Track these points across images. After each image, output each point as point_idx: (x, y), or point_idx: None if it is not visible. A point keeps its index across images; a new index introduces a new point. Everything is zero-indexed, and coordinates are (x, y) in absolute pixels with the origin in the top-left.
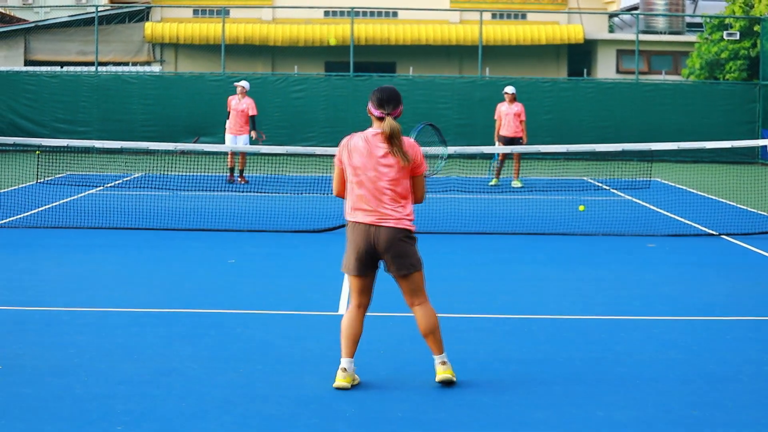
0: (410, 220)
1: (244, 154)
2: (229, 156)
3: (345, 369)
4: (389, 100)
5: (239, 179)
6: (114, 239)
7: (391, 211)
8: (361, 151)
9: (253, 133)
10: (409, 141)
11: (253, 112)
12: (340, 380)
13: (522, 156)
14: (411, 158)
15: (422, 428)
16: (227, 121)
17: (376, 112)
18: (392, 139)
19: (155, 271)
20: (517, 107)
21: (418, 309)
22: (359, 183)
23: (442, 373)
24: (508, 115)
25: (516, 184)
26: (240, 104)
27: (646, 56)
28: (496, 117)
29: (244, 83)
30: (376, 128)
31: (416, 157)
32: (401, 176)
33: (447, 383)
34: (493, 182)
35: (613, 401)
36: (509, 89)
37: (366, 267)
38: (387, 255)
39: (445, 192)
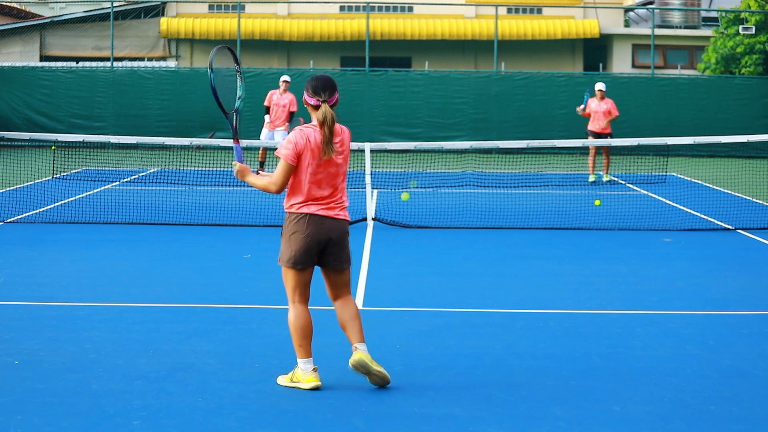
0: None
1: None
2: (260, 151)
3: (316, 369)
4: (325, 88)
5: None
6: (130, 235)
7: (341, 203)
8: (315, 148)
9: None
10: (345, 128)
11: (293, 108)
12: (315, 380)
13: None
14: (345, 148)
15: (438, 423)
16: (266, 116)
17: (312, 101)
18: (322, 126)
19: (171, 267)
20: (607, 104)
21: (344, 299)
22: (318, 181)
23: (360, 354)
24: (597, 112)
25: (606, 178)
26: (282, 98)
27: (661, 51)
28: (588, 111)
29: (287, 77)
30: (315, 119)
31: (349, 143)
32: (345, 165)
33: (361, 364)
34: (591, 179)
35: (630, 396)
36: (600, 86)
37: (312, 260)
38: (336, 247)
39: (460, 187)
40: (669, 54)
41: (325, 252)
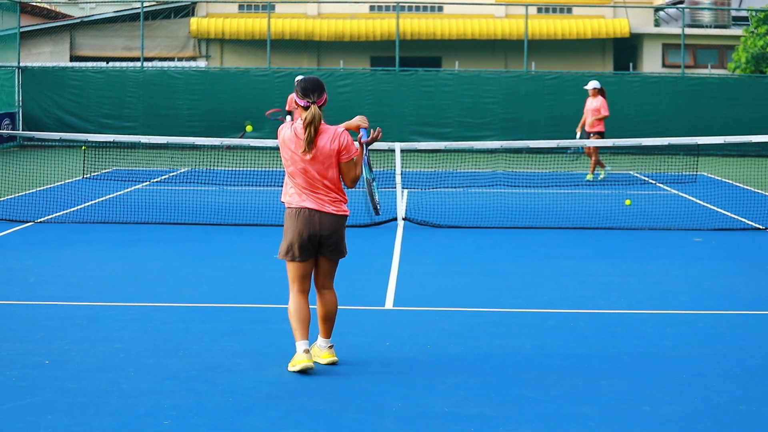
0: (345, 203)
1: None
2: None
3: (307, 350)
4: (314, 89)
5: None
6: (160, 234)
7: (330, 197)
8: (289, 144)
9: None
10: (336, 130)
11: None
12: (306, 361)
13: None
14: (329, 147)
15: (468, 423)
16: (287, 117)
17: (302, 102)
18: (309, 126)
19: (201, 267)
20: (597, 102)
21: (328, 293)
22: (293, 173)
23: (330, 356)
24: (588, 110)
25: (588, 177)
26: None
27: (691, 50)
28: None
29: (300, 77)
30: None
31: (341, 144)
32: (329, 164)
33: (334, 364)
34: (601, 176)
35: (659, 396)
36: (590, 84)
37: (309, 253)
38: (329, 240)
39: (491, 186)
40: (699, 53)
41: (320, 243)
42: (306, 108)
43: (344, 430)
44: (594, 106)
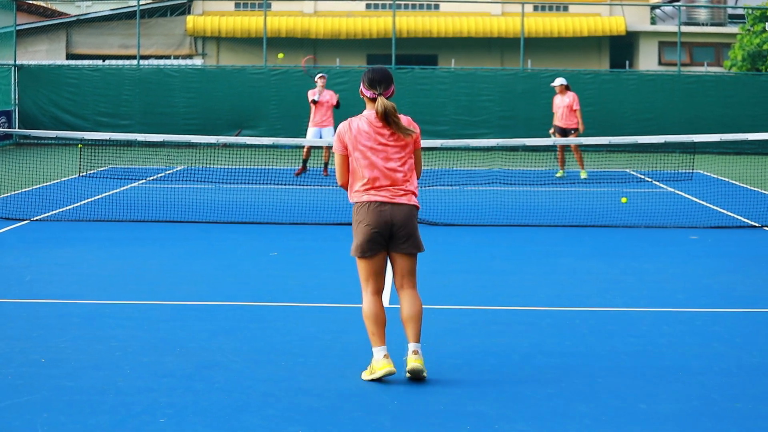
0: (416, 196)
1: (327, 147)
2: (305, 148)
3: (387, 355)
4: (381, 81)
5: (323, 172)
6: (156, 232)
7: (403, 189)
8: (366, 134)
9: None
10: (406, 118)
11: (333, 101)
12: (388, 366)
13: (567, 147)
14: (411, 132)
15: (465, 421)
16: (311, 115)
17: (368, 93)
18: (387, 118)
19: (197, 264)
20: (569, 98)
21: (410, 292)
22: (370, 165)
23: (413, 362)
24: (560, 107)
25: (582, 175)
26: (324, 95)
27: (688, 48)
28: (553, 110)
29: (324, 74)
30: (370, 110)
31: (416, 131)
32: (407, 154)
33: (416, 373)
34: (559, 174)
35: (656, 394)
36: (555, 82)
37: (380, 246)
38: (402, 232)
39: (487, 184)
40: (695, 51)
41: (393, 236)
42: (372, 99)
43: (341, 429)
44: (566, 103)
